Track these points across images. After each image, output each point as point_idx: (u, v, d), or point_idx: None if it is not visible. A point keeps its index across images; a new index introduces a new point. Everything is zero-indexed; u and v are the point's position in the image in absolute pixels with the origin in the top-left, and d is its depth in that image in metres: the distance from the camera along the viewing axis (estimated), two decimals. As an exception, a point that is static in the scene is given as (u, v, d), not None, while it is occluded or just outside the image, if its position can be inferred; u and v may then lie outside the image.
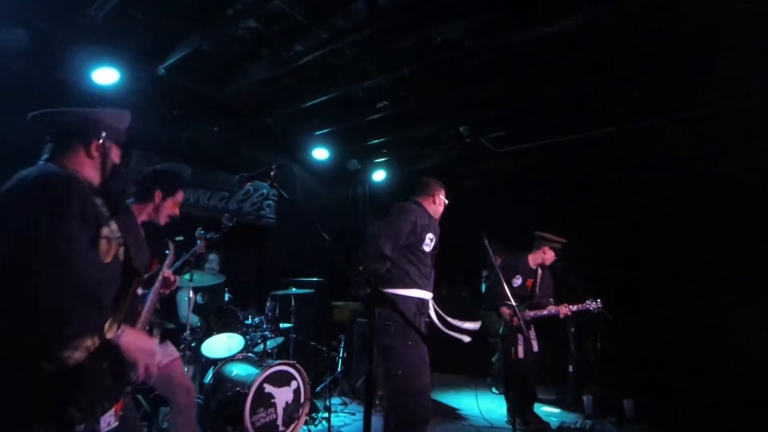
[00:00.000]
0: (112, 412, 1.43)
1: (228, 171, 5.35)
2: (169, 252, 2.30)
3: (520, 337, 4.19)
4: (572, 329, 5.23)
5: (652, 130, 4.86)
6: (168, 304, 3.92)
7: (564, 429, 4.22)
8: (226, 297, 4.16)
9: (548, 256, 4.40)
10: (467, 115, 5.11)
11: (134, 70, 4.01)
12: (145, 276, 1.85)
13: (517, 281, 4.38)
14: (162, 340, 2.57)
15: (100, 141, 1.56)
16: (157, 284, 2.04)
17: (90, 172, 1.55)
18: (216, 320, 3.77)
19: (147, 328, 1.85)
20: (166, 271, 2.17)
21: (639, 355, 4.93)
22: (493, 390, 5.60)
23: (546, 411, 4.86)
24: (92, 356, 1.31)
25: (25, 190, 1.35)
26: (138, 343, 1.46)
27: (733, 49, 3.47)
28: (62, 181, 1.39)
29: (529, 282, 4.44)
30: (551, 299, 4.45)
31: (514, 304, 3.49)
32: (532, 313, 4.27)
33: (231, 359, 3.68)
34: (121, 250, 1.55)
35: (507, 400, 4.37)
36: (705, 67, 3.80)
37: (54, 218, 1.29)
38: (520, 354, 4.17)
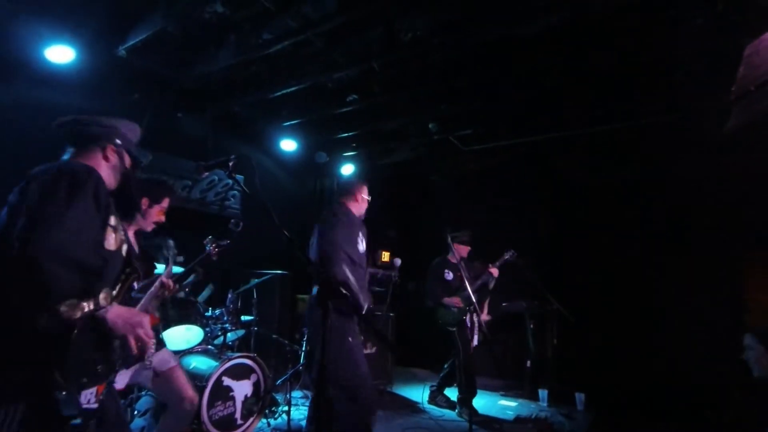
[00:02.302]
0: (94, 390, 1.44)
1: (191, 159, 5.20)
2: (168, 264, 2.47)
3: (472, 327, 4.48)
4: (531, 326, 5.40)
5: (616, 134, 5.05)
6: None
7: (520, 419, 4.38)
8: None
9: (462, 249, 4.75)
10: (435, 112, 5.15)
11: (92, 49, 3.80)
12: (144, 280, 1.97)
13: (449, 275, 4.74)
14: (157, 348, 2.57)
15: (115, 146, 1.71)
16: (153, 289, 2.15)
17: (105, 173, 1.66)
18: (174, 311, 3.67)
19: None
20: (164, 278, 2.27)
21: (591, 352, 5.15)
22: None
23: (504, 404, 5.01)
24: (82, 324, 1.36)
25: (48, 174, 1.46)
26: (125, 315, 1.47)
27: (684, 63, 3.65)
28: (84, 168, 1.52)
29: (458, 274, 4.64)
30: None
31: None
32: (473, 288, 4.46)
33: (189, 351, 3.59)
34: (125, 246, 1.66)
35: (460, 391, 4.48)
36: (659, 77, 3.98)
37: (71, 196, 1.41)
38: (475, 342, 4.45)
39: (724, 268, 4.72)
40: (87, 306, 1.39)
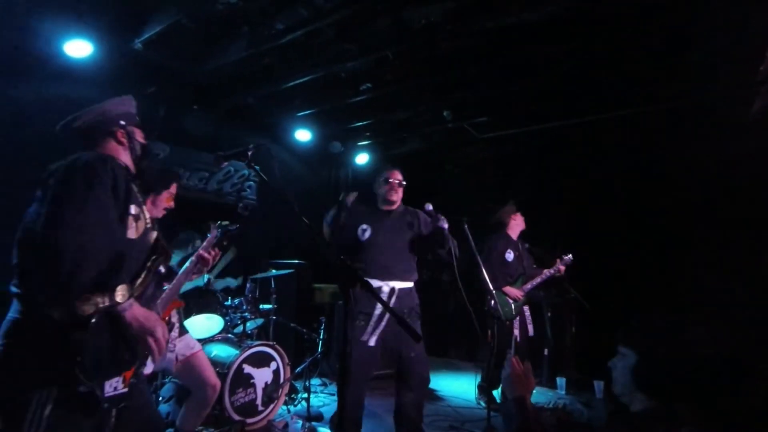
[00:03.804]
0: (120, 378, 1.48)
1: (207, 151, 5.25)
2: (210, 234, 2.37)
3: (516, 319, 4.21)
4: (549, 314, 5.37)
5: (631, 119, 4.93)
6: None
7: (538, 407, 4.36)
8: (206, 278, 4.12)
9: (520, 220, 4.42)
10: (450, 100, 5.09)
11: (109, 43, 3.85)
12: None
13: (510, 255, 4.23)
14: (180, 333, 2.61)
15: (120, 127, 1.67)
16: (189, 264, 2.13)
17: (125, 157, 1.68)
18: (194, 300, 3.74)
19: (165, 309, 1.98)
20: (202, 251, 2.21)
21: (610, 340, 5.08)
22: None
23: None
24: (97, 320, 1.36)
25: (64, 168, 1.46)
26: (142, 319, 1.45)
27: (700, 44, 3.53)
28: (98, 158, 1.52)
29: (517, 254, 4.39)
30: (534, 266, 4.46)
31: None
32: (529, 285, 4.28)
33: (210, 340, 3.67)
34: (152, 233, 1.65)
35: (483, 379, 4.42)
36: (676, 59, 3.87)
37: (87, 190, 1.41)
38: (517, 336, 4.22)
39: (748, 254, 4.59)
40: (101, 301, 1.38)
